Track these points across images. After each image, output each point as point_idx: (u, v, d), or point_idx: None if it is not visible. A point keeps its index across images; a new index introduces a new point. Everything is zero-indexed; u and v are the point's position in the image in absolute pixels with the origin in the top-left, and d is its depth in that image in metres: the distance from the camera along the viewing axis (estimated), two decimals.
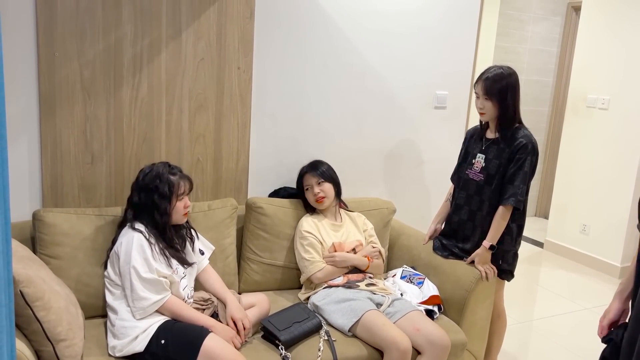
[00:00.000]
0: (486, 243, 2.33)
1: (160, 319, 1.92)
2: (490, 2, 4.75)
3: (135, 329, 1.87)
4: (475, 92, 2.38)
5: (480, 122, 2.49)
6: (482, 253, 2.34)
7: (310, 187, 2.49)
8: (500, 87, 2.30)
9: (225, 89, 2.51)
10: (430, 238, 2.63)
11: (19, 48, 2.12)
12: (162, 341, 1.85)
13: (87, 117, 2.26)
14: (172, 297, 1.95)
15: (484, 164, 2.40)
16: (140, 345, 1.85)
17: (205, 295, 2.12)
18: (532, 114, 5.56)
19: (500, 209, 2.31)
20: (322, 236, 2.42)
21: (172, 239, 2.05)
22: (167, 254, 2.00)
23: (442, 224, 2.66)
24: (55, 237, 2.07)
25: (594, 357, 1.76)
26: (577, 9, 5.22)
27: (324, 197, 2.47)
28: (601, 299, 3.80)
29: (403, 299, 2.31)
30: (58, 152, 2.24)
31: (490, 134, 2.43)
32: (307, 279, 2.39)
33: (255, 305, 2.16)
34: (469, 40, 3.14)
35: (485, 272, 2.32)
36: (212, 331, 1.89)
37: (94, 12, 2.19)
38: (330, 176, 2.52)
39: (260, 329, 2.12)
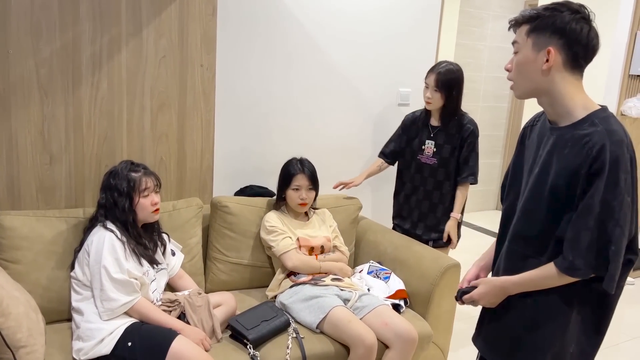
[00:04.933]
0: (456, 215, 2.72)
1: (128, 321, 1.88)
2: (451, 0, 4.84)
3: (102, 331, 1.84)
4: (426, 83, 2.66)
5: (426, 110, 2.75)
6: (454, 224, 2.72)
7: (300, 188, 2.44)
8: (449, 82, 2.59)
9: (188, 86, 2.48)
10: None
11: None
12: (129, 343, 1.82)
13: (45, 116, 2.19)
14: (141, 299, 1.92)
15: (435, 149, 2.70)
16: (106, 348, 1.81)
17: (172, 296, 2.09)
18: (492, 109, 5.69)
19: (466, 186, 2.72)
20: (287, 231, 2.42)
21: (139, 237, 2.02)
22: (138, 252, 1.98)
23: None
24: (14, 240, 2.01)
25: None
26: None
27: (307, 204, 2.47)
28: None
29: (370, 294, 2.33)
30: (14, 153, 2.17)
31: (435, 122, 2.72)
32: (280, 256, 2.35)
33: (221, 304, 2.15)
34: (430, 38, 3.19)
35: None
36: (181, 334, 1.87)
37: (50, 8, 2.13)
38: (318, 184, 2.51)
39: (228, 329, 2.11)
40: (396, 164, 2.90)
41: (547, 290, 1.40)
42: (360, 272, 2.56)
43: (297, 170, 2.45)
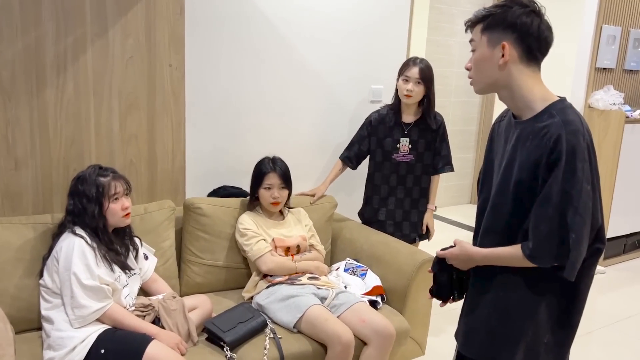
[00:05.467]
0: (432, 206, 2.84)
1: (100, 328, 1.84)
2: None
3: (73, 339, 1.79)
4: (406, 76, 2.65)
5: (395, 108, 2.76)
6: (432, 216, 2.84)
7: (272, 187, 2.41)
8: (431, 75, 2.67)
9: (157, 87, 2.43)
10: None
11: None
12: (102, 351, 1.78)
13: (8, 120, 2.13)
14: (114, 305, 1.88)
15: (410, 146, 2.74)
16: (79, 356, 1.77)
17: (146, 301, 2.06)
18: (463, 105, 5.74)
19: (437, 177, 2.82)
20: (262, 232, 2.40)
21: (111, 243, 1.98)
22: (109, 258, 1.93)
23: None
24: None
25: None
26: None
27: (279, 203, 2.44)
28: None
29: (347, 292, 2.33)
30: None
31: (408, 118, 2.76)
32: (255, 261, 2.34)
33: (197, 307, 2.12)
34: (401, 35, 3.20)
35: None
36: (156, 339, 1.84)
37: (11, 9, 2.06)
38: (291, 183, 2.48)
39: (204, 331, 2.08)
40: (365, 167, 2.90)
41: (517, 282, 1.42)
42: (337, 269, 2.56)
43: (268, 169, 2.43)
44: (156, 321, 2.01)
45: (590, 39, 4.04)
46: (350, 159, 2.85)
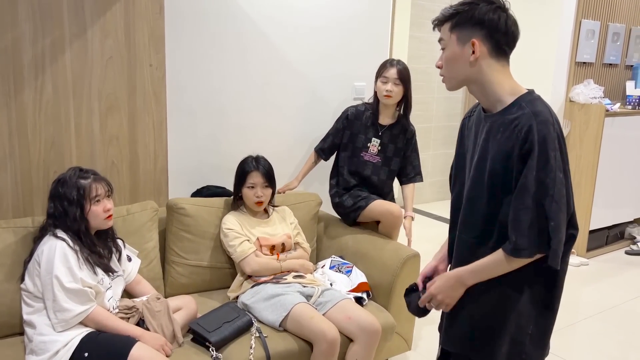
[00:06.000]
0: (411, 213, 2.78)
1: (83, 331, 1.83)
2: None
3: (56, 343, 1.78)
4: (385, 77, 2.67)
5: (373, 108, 2.76)
6: (411, 223, 2.76)
7: (255, 186, 2.41)
8: (408, 76, 2.69)
9: (138, 87, 2.41)
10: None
11: None
12: (86, 354, 1.77)
13: None
14: (97, 308, 1.87)
15: (379, 148, 2.75)
16: None
17: (130, 303, 2.04)
18: (447, 100, 5.77)
19: (411, 185, 2.85)
20: (246, 232, 2.39)
21: (93, 245, 1.96)
22: (92, 261, 1.92)
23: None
24: None
25: None
26: None
27: (263, 202, 2.43)
28: None
29: (333, 289, 2.33)
30: None
31: (385, 120, 2.77)
32: (239, 263, 2.34)
33: (182, 308, 2.11)
34: (383, 32, 3.20)
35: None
36: (140, 340, 1.83)
37: None
38: (274, 182, 2.47)
39: (189, 332, 2.07)
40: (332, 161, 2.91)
41: (497, 277, 1.43)
42: (322, 267, 2.56)
43: (251, 168, 2.42)
44: (140, 323, 2.00)
45: (569, 34, 4.08)
46: (324, 150, 2.87)
